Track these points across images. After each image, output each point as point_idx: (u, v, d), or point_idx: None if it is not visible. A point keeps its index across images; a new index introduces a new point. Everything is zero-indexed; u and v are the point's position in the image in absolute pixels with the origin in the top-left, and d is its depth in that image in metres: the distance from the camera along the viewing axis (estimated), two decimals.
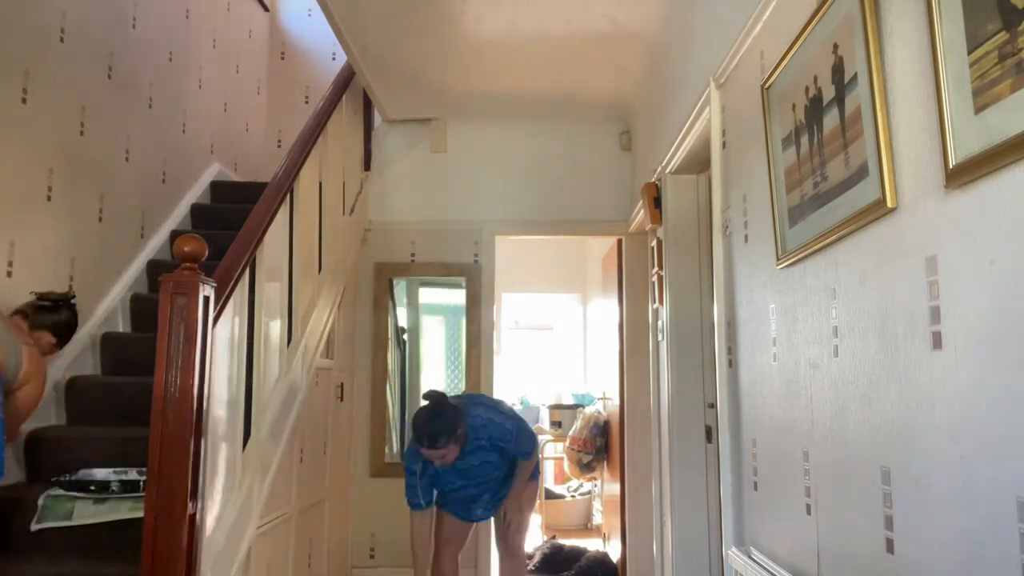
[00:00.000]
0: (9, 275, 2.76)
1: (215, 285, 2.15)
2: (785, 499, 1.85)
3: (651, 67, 3.57)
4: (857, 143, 1.42)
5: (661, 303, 3.29)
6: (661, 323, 3.31)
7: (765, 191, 1.94)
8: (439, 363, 4.77)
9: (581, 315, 7.62)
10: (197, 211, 4.21)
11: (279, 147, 5.33)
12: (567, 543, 5.01)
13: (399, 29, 3.33)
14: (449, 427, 2.88)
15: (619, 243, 4.45)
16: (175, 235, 3.65)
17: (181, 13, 4.23)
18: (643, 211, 3.43)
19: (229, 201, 4.34)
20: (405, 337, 4.61)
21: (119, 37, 3.54)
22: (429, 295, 4.67)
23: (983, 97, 1.04)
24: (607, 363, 4.98)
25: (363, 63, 3.65)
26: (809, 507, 1.70)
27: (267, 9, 5.62)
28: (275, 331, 2.87)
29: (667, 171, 3.20)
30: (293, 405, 3.01)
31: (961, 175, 1.10)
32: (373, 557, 4.18)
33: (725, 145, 2.40)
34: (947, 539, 1.16)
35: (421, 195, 4.45)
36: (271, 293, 2.84)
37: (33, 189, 2.91)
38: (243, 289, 2.56)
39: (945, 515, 1.16)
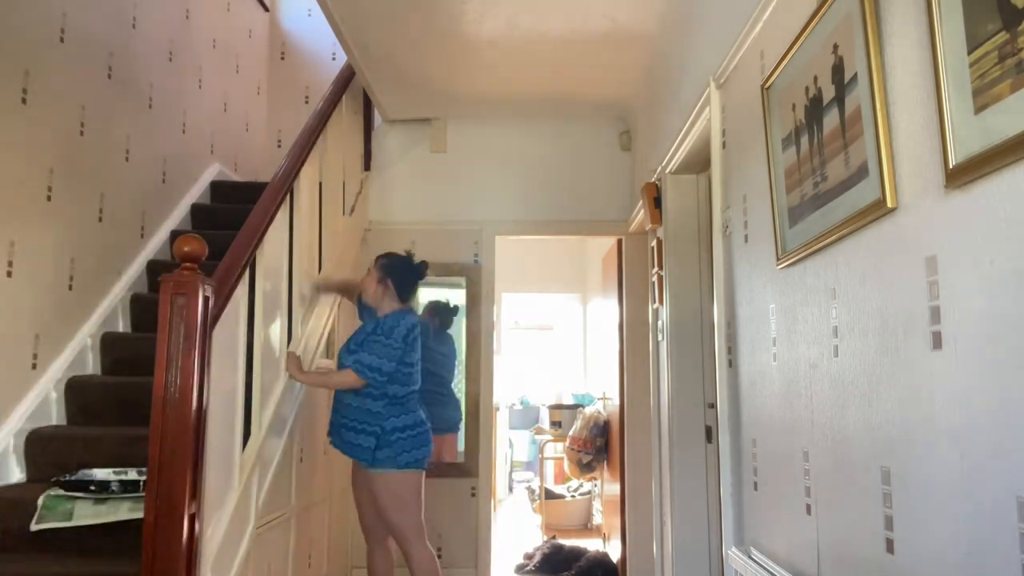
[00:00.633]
0: (9, 275, 2.76)
1: (215, 285, 2.15)
2: (785, 499, 1.85)
3: (651, 67, 3.57)
4: (857, 143, 1.42)
5: (661, 303, 3.29)
6: (661, 323, 3.31)
7: (765, 191, 1.94)
8: None
9: (581, 315, 7.62)
10: (197, 211, 4.21)
11: (279, 147, 5.33)
12: (567, 543, 5.01)
13: (399, 29, 3.33)
14: (391, 265, 3.03)
15: (619, 243, 4.45)
16: (175, 235, 3.65)
17: (181, 13, 4.23)
18: (643, 211, 3.43)
19: (229, 201, 4.34)
20: None
21: (119, 37, 3.54)
22: (429, 295, 4.66)
23: (983, 97, 1.04)
24: (607, 363, 4.98)
25: (363, 63, 3.65)
26: (809, 507, 1.70)
27: (267, 9, 5.62)
28: (275, 331, 2.87)
29: (667, 171, 3.20)
30: (293, 405, 3.02)
31: (961, 175, 1.10)
32: None
33: (725, 145, 2.40)
34: (947, 539, 1.16)
35: (421, 195, 4.45)
36: (271, 293, 2.84)
37: (33, 189, 2.91)
38: (243, 289, 2.56)
39: (945, 515, 1.16)
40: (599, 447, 5.14)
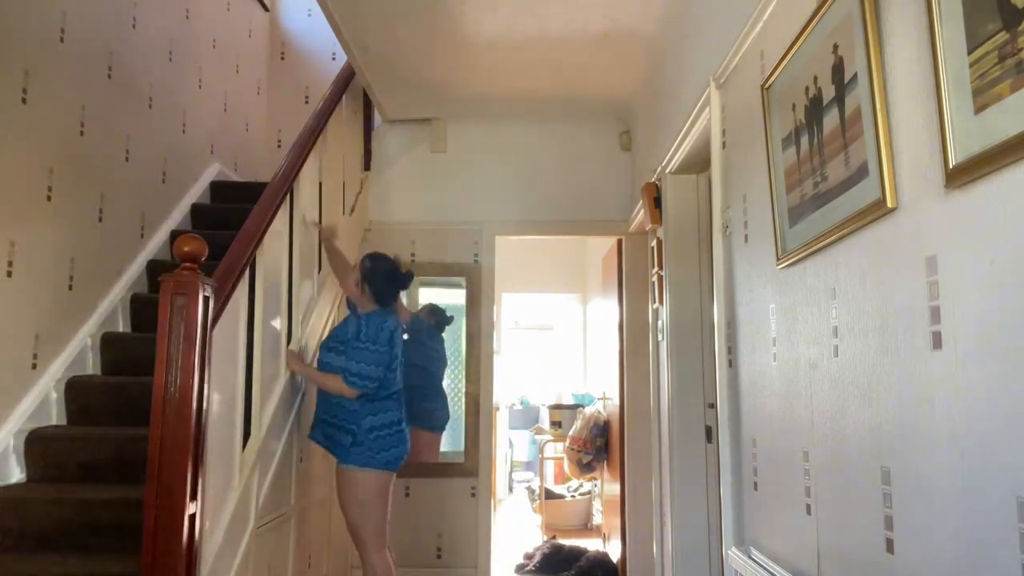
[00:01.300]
0: (9, 275, 2.76)
1: (215, 285, 2.15)
2: (785, 499, 1.85)
3: (651, 67, 3.57)
4: (857, 143, 1.42)
5: (661, 303, 3.29)
6: (661, 323, 3.31)
7: (765, 191, 1.94)
8: None
9: (581, 315, 7.62)
10: (197, 211, 4.21)
11: (279, 147, 5.33)
12: (567, 543, 5.01)
13: (399, 29, 3.33)
14: (373, 272, 2.96)
15: (619, 243, 4.45)
16: (175, 235, 3.65)
17: (181, 13, 4.23)
18: (643, 211, 3.43)
19: (229, 201, 4.34)
20: (405, 336, 4.61)
21: (119, 37, 3.54)
22: (429, 295, 4.66)
23: (983, 97, 1.04)
24: (607, 363, 4.98)
25: (363, 63, 3.65)
26: (809, 507, 1.70)
27: (267, 9, 5.62)
28: (275, 331, 2.87)
29: (667, 171, 3.20)
30: (293, 405, 3.02)
31: (961, 175, 1.10)
32: None
33: (725, 145, 2.40)
34: (947, 539, 1.16)
35: (421, 195, 4.45)
36: (271, 293, 2.84)
37: (33, 189, 2.91)
38: (243, 289, 2.56)
39: (945, 515, 1.16)
40: (599, 447, 5.14)
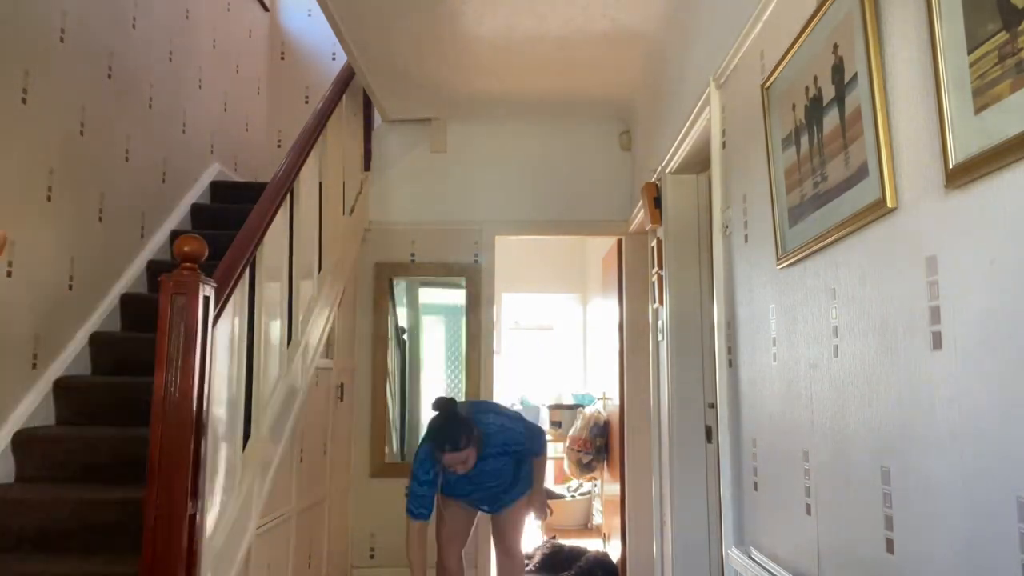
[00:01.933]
0: (9, 275, 2.76)
1: (215, 285, 2.15)
2: (785, 499, 1.85)
3: (651, 67, 3.57)
4: (857, 143, 1.42)
5: (661, 303, 3.29)
6: (661, 323, 3.30)
7: (765, 191, 1.94)
8: (439, 363, 4.76)
9: (581, 315, 7.62)
10: (197, 211, 4.21)
11: (279, 147, 5.33)
12: (567, 543, 5.01)
13: (399, 29, 3.33)
14: (468, 429, 2.84)
15: (619, 243, 4.45)
16: (175, 235, 3.66)
17: (181, 13, 4.23)
18: (643, 211, 3.43)
19: (229, 201, 4.34)
20: (405, 337, 4.61)
21: (119, 37, 3.54)
22: (429, 295, 4.66)
23: (983, 97, 1.04)
24: (607, 363, 4.98)
25: (363, 63, 3.65)
26: (809, 507, 1.70)
27: (267, 9, 5.62)
28: (275, 331, 2.87)
29: (667, 171, 3.20)
30: (293, 405, 3.01)
31: (961, 175, 1.10)
32: (373, 557, 4.18)
33: (725, 145, 2.40)
34: (947, 539, 1.16)
35: (421, 195, 4.45)
36: (271, 293, 2.84)
37: (33, 189, 2.91)
38: (243, 289, 2.56)
39: (945, 515, 1.16)
40: (599, 447, 5.14)
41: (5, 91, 2.75)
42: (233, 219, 3.20)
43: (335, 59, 5.40)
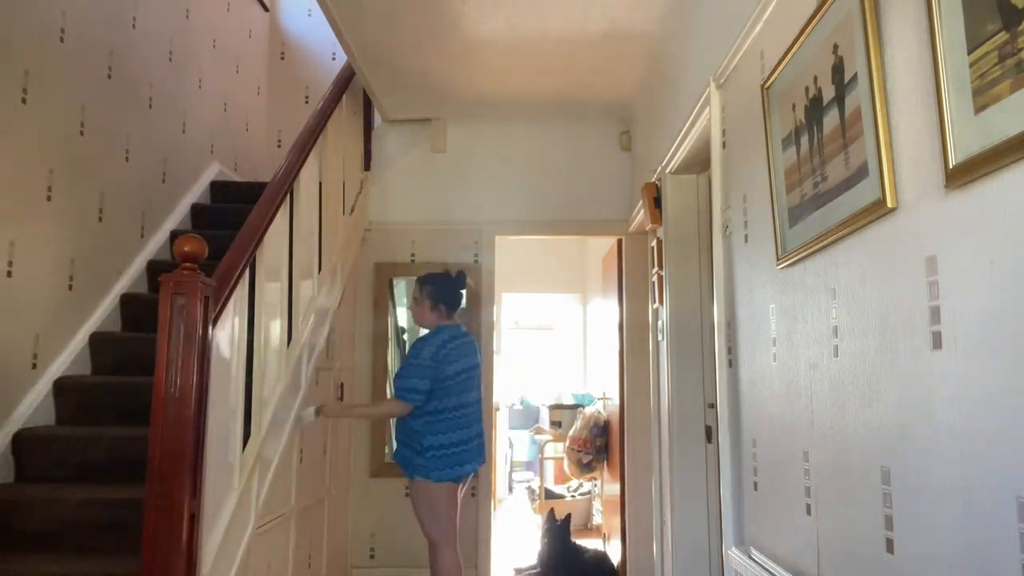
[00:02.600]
0: (9, 275, 2.76)
1: (215, 285, 2.15)
2: (785, 499, 1.85)
3: (651, 67, 3.57)
4: (857, 143, 1.42)
5: (661, 303, 3.29)
6: (661, 323, 3.31)
7: (765, 191, 1.94)
8: None
9: (581, 315, 7.62)
10: (197, 211, 4.21)
11: (279, 147, 5.33)
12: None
13: (399, 29, 3.33)
14: (440, 290, 3.14)
15: (619, 243, 4.45)
16: (175, 235, 3.66)
17: (181, 13, 4.23)
18: (643, 211, 3.43)
19: (229, 201, 4.34)
20: (405, 337, 4.61)
21: (119, 37, 3.54)
22: None
23: (983, 97, 1.04)
24: (607, 363, 4.98)
25: (363, 63, 3.65)
26: (809, 507, 1.70)
27: (267, 9, 5.62)
28: (275, 331, 2.87)
29: (667, 171, 3.20)
30: (293, 405, 3.01)
31: (961, 175, 1.10)
32: (373, 557, 4.18)
33: (725, 145, 2.40)
34: (947, 539, 1.16)
35: (421, 195, 4.45)
36: (271, 293, 2.84)
37: (33, 189, 2.91)
38: (243, 289, 2.56)
39: (945, 515, 1.16)
40: (599, 447, 5.14)
41: (5, 91, 2.75)
42: (233, 219, 3.20)
43: (335, 59, 5.41)
